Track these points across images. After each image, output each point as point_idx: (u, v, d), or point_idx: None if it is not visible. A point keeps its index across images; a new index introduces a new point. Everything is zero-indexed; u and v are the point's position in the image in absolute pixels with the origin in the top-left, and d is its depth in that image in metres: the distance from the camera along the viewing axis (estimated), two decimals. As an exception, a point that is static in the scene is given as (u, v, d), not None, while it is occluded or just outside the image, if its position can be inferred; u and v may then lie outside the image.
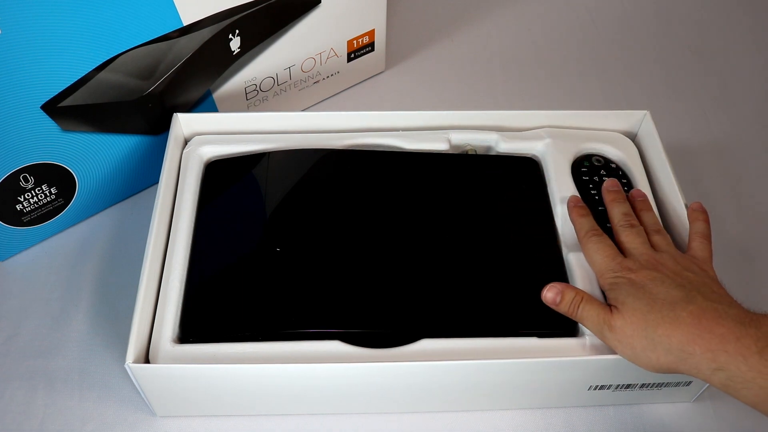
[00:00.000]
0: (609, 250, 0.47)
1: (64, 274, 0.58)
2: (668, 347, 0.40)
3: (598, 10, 0.81)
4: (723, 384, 0.39)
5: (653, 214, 0.51)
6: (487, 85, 0.73)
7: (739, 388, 0.39)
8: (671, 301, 0.41)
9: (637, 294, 0.43)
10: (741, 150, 0.68)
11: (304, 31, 0.62)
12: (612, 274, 0.45)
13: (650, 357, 0.41)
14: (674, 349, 0.40)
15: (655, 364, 0.41)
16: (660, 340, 0.41)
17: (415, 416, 0.50)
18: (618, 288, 0.44)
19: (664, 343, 0.41)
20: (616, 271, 0.45)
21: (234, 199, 0.53)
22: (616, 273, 0.45)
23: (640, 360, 0.42)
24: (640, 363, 0.42)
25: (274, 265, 0.49)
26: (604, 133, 0.58)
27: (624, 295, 0.43)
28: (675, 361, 0.41)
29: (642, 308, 0.42)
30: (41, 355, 0.53)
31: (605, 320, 0.43)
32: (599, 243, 0.48)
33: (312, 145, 0.56)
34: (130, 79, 0.54)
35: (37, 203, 0.56)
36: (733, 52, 0.77)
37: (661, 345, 0.41)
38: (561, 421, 0.50)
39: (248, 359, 0.45)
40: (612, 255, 0.47)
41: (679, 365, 0.41)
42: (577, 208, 0.51)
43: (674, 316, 0.41)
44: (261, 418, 0.50)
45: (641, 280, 0.44)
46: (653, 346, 0.41)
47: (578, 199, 0.52)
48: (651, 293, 0.42)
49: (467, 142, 0.57)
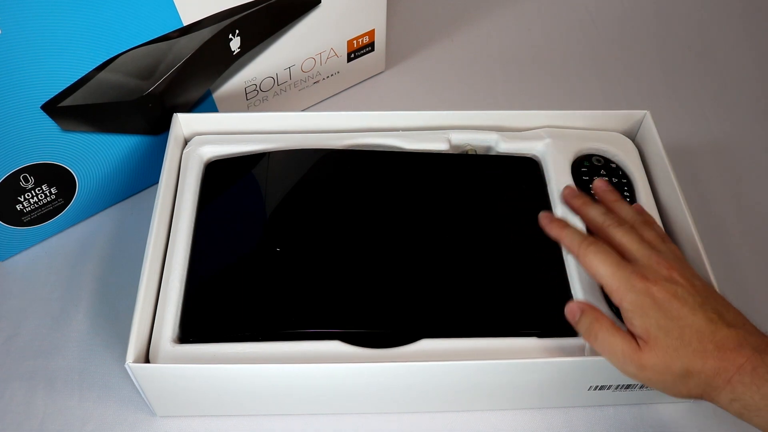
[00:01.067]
0: (612, 258, 0.44)
1: (64, 274, 0.58)
2: (698, 382, 0.40)
3: (598, 10, 0.81)
4: (738, 412, 0.40)
5: (627, 205, 0.49)
6: (487, 85, 0.73)
7: (752, 416, 0.39)
8: (698, 330, 0.40)
9: (667, 326, 0.40)
10: (741, 150, 0.68)
11: (304, 31, 0.62)
12: (631, 290, 0.42)
13: (681, 390, 0.41)
14: (702, 384, 0.40)
15: (683, 394, 0.42)
16: (691, 376, 0.40)
17: (415, 416, 0.50)
18: (644, 313, 0.41)
19: (695, 378, 0.40)
20: (633, 283, 0.42)
21: (234, 199, 0.53)
22: (635, 286, 0.42)
23: (669, 391, 0.42)
24: (669, 393, 0.42)
25: (274, 265, 0.49)
26: (604, 133, 0.58)
27: (654, 327, 0.41)
28: (701, 392, 0.41)
29: (674, 344, 0.40)
30: (41, 355, 0.53)
31: (632, 358, 0.41)
32: (598, 252, 0.44)
33: (312, 145, 0.56)
34: (130, 79, 0.54)
35: (37, 203, 0.56)
36: (733, 52, 0.77)
37: (692, 380, 0.40)
38: (561, 421, 0.50)
39: (248, 359, 0.45)
40: (619, 263, 0.43)
41: (704, 396, 0.41)
42: (554, 222, 0.48)
43: (703, 350, 0.40)
44: (261, 418, 0.50)
45: (664, 298, 0.41)
46: (685, 381, 0.41)
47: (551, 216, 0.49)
48: (678, 321, 0.41)
49: (467, 142, 0.57)
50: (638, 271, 0.43)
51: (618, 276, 0.43)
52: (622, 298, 0.42)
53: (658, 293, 0.41)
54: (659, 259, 0.43)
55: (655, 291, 0.41)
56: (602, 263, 0.44)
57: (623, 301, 0.42)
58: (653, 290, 0.41)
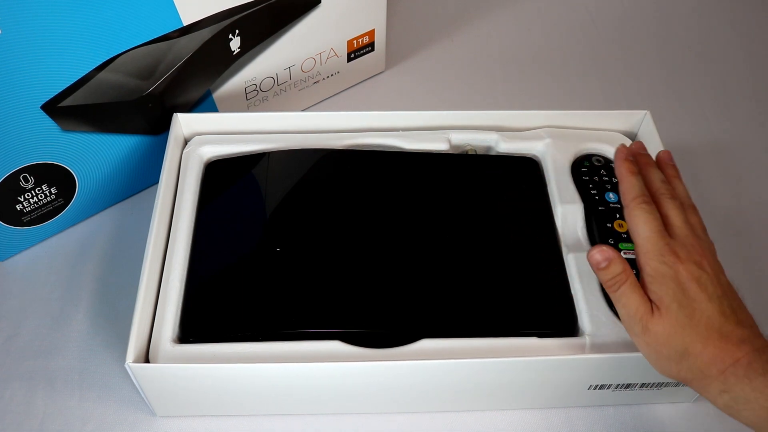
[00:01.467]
0: (657, 224, 0.44)
1: (64, 274, 0.58)
2: (692, 365, 0.40)
3: (598, 10, 0.81)
4: (726, 405, 0.40)
5: (684, 185, 0.49)
6: (487, 85, 0.73)
7: (741, 408, 0.39)
8: (708, 317, 0.41)
9: (682, 301, 0.41)
10: (741, 150, 0.68)
11: (304, 31, 0.62)
12: (660, 258, 0.42)
13: (672, 367, 0.41)
14: (696, 369, 0.40)
15: (672, 374, 0.42)
16: (688, 357, 0.41)
17: (415, 416, 0.50)
18: (664, 282, 0.42)
19: (690, 361, 0.40)
20: (664, 255, 0.42)
21: (234, 199, 0.53)
22: (664, 258, 0.42)
23: (659, 366, 0.42)
24: (657, 368, 0.42)
25: (274, 265, 0.49)
26: (604, 133, 0.58)
27: (670, 297, 0.41)
28: (692, 378, 0.41)
29: (683, 321, 0.41)
30: (41, 355, 0.53)
31: (642, 319, 0.42)
32: (648, 213, 0.44)
33: (312, 145, 0.56)
34: (130, 79, 0.54)
35: (37, 203, 0.56)
36: (734, 52, 0.77)
37: (687, 362, 0.41)
38: (561, 421, 0.50)
39: (248, 359, 0.45)
40: (660, 231, 0.43)
41: (693, 382, 0.41)
42: (628, 162, 0.47)
43: (707, 336, 0.40)
44: (261, 418, 0.50)
45: (687, 278, 0.42)
46: (679, 359, 0.41)
47: (629, 151, 0.48)
48: (694, 302, 0.41)
49: (467, 142, 0.57)
50: (673, 246, 0.43)
51: (653, 241, 0.43)
52: (647, 263, 0.43)
53: (682, 271, 0.42)
54: (696, 243, 0.44)
55: (681, 269, 0.42)
56: (645, 223, 0.44)
57: (647, 266, 0.43)
58: (679, 267, 0.42)
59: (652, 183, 0.47)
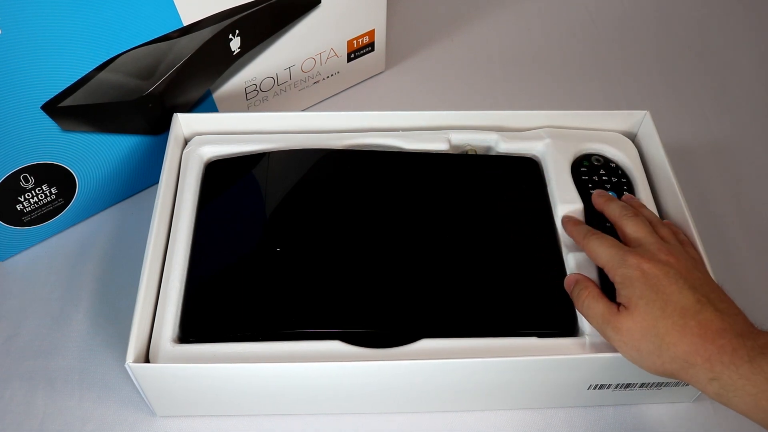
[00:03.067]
0: (612, 242, 0.46)
1: (64, 274, 0.58)
2: (674, 355, 0.40)
3: (598, 10, 0.81)
4: (716, 393, 0.39)
5: (652, 212, 0.51)
6: (487, 85, 0.73)
7: (730, 396, 0.39)
8: (683, 306, 0.41)
9: (650, 296, 0.42)
10: (741, 150, 0.68)
11: (304, 31, 0.62)
12: (623, 265, 0.43)
13: (655, 362, 0.41)
14: (679, 358, 0.40)
15: (658, 369, 0.41)
16: (667, 347, 0.41)
17: (415, 416, 0.50)
18: (631, 284, 0.43)
19: (671, 351, 0.40)
20: (627, 260, 0.43)
21: (234, 199, 0.53)
22: (627, 262, 0.43)
23: (643, 363, 0.42)
24: (643, 365, 0.42)
25: (274, 265, 0.49)
26: (603, 133, 0.58)
27: (637, 295, 0.42)
28: (677, 369, 0.41)
29: (654, 313, 0.41)
30: (41, 355, 0.53)
31: (609, 320, 0.43)
32: (601, 239, 0.46)
33: (312, 145, 0.56)
34: (130, 79, 0.54)
35: (37, 203, 0.56)
36: (733, 52, 0.77)
37: (668, 352, 0.41)
38: (561, 421, 0.50)
39: (248, 359, 0.45)
40: (617, 245, 0.45)
41: (680, 373, 0.41)
42: (571, 221, 0.51)
43: (683, 324, 0.40)
44: (261, 418, 0.50)
45: (655, 273, 0.42)
46: (659, 352, 0.41)
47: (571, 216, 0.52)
48: (664, 295, 0.41)
49: (467, 142, 0.57)
50: (635, 251, 0.44)
51: (612, 254, 0.45)
52: (614, 275, 0.44)
53: (649, 269, 0.43)
54: (662, 247, 0.45)
55: (647, 267, 0.43)
56: (600, 246, 0.46)
57: (614, 277, 0.44)
58: (645, 266, 0.43)
59: (611, 213, 0.49)
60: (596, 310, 0.44)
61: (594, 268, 0.49)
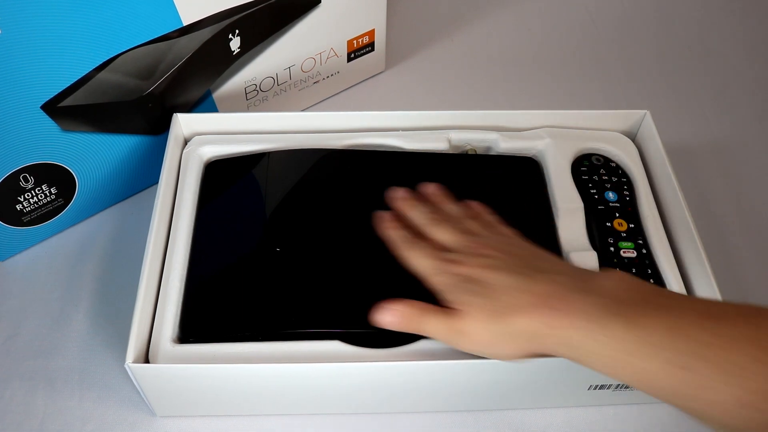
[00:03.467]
0: (425, 251, 0.45)
1: (64, 274, 0.58)
2: (521, 335, 0.40)
3: (598, 10, 0.81)
4: (576, 358, 0.39)
5: (454, 205, 0.50)
6: (487, 85, 0.73)
7: (588, 359, 0.39)
8: (513, 287, 0.41)
9: (476, 290, 0.41)
10: (741, 150, 0.68)
11: (304, 31, 0.62)
12: (440, 273, 0.43)
13: (512, 349, 0.41)
14: (528, 335, 0.40)
15: (519, 354, 0.41)
16: (512, 330, 0.40)
17: (415, 416, 0.50)
18: (454, 288, 0.42)
19: (517, 332, 0.40)
20: (443, 268, 0.43)
21: (233, 199, 0.53)
22: (443, 270, 0.43)
23: (498, 355, 0.42)
24: (500, 357, 0.42)
25: (274, 265, 0.49)
26: (604, 132, 0.58)
27: (464, 298, 0.42)
28: (531, 346, 0.40)
29: (486, 304, 0.41)
30: (41, 355, 0.53)
31: (452, 327, 0.42)
32: (417, 248, 0.45)
33: (312, 145, 0.56)
34: (130, 79, 0.54)
35: (37, 203, 0.56)
36: (733, 52, 0.77)
37: (515, 335, 0.40)
38: (561, 421, 0.50)
39: (248, 359, 0.45)
40: (433, 254, 0.45)
41: (536, 349, 0.40)
42: (387, 223, 0.48)
43: (519, 304, 0.40)
44: (261, 418, 0.50)
45: (474, 272, 0.42)
46: (507, 338, 0.40)
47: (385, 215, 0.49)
48: (491, 286, 0.41)
49: (467, 142, 0.57)
50: (451, 257, 0.44)
51: (428, 265, 0.44)
52: (435, 284, 0.44)
53: (467, 270, 0.42)
54: (476, 244, 0.44)
55: (464, 269, 0.43)
56: (418, 257, 0.45)
57: (437, 286, 0.44)
58: (462, 269, 0.43)
59: (417, 221, 0.48)
60: (435, 325, 0.42)
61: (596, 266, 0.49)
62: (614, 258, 0.50)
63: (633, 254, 0.51)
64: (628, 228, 0.52)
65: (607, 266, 0.50)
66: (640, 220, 0.53)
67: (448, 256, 0.44)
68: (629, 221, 0.53)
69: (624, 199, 0.54)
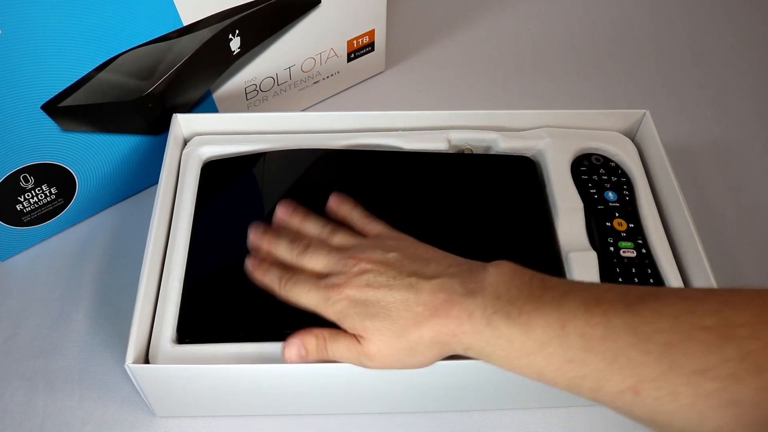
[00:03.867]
0: (308, 283, 0.43)
1: (64, 274, 0.58)
2: (426, 344, 0.40)
3: (597, 10, 0.81)
4: (483, 359, 0.40)
5: (310, 220, 0.47)
6: (487, 85, 0.73)
7: (493, 361, 0.39)
8: (402, 301, 0.40)
9: (367, 312, 0.41)
10: (741, 150, 0.68)
11: (304, 31, 0.62)
12: (328, 303, 0.42)
13: (419, 360, 0.41)
14: (431, 344, 0.40)
15: (429, 361, 0.41)
16: (415, 343, 0.40)
17: (415, 416, 0.50)
18: (346, 318, 0.41)
19: (421, 343, 0.40)
20: (328, 296, 0.42)
21: (230, 200, 0.53)
22: (329, 298, 0.42)
23: (414, 365, 0.42)
24: (417, 367, 0.42)
25: (274, 265, 0.49)
26: (603, 132, 0.58)
27: (358, 322, 0.41)
28: (443, 350, 0.40)
29: (383, 325, 0.40)
30: (41, 355, 0.53)
31: (359, 352, 0.41)
32: (297, 284, 0.44)
33: (311, 145, 0.56)
34: (130, 79, 0.54)
35: (37, 203, 0.56)
36: (733, 52, 0.77)
37: (420, 346, 0.40)
38: (561, 421, 0.50)
39: (248, 359, 0.45)
40: (314, 285, 0.43)
41: (447, 351, 0.41)
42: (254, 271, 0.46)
43: (414, 316, 0.40)
44: (261, 418, 0.50)
45: (357, 293, 0.41)
46: (415, 350, 0.40)
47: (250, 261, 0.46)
48: (378, 304, 0.40)
49: (467, 142, 0.57)
50: (331, 282, 0.42)
51: (313, 296, 0.43)
52: (327, 314, 0.42)
53: (351, 293, 0.41)
54: (347, 259, 0.43)
55: (348, 293, 0.41)
56: (300, 293, 0.43)
57: (329, 316, 0.42)
58: (346, 293, 0.42)
59: (285, 257, 0.46)
60: (342, 348, 0.42)
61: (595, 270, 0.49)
62: (614, 258, 0.50)
63: (633, 254, 0.51)
64: (627, 228, 0.52)
65: (607, 266, 0.50)
66: (640, 220, 0.53)
67: (329, 282, 0.42)
68: (629, 221, 0.53)
69: (624, 199, 0.54)
